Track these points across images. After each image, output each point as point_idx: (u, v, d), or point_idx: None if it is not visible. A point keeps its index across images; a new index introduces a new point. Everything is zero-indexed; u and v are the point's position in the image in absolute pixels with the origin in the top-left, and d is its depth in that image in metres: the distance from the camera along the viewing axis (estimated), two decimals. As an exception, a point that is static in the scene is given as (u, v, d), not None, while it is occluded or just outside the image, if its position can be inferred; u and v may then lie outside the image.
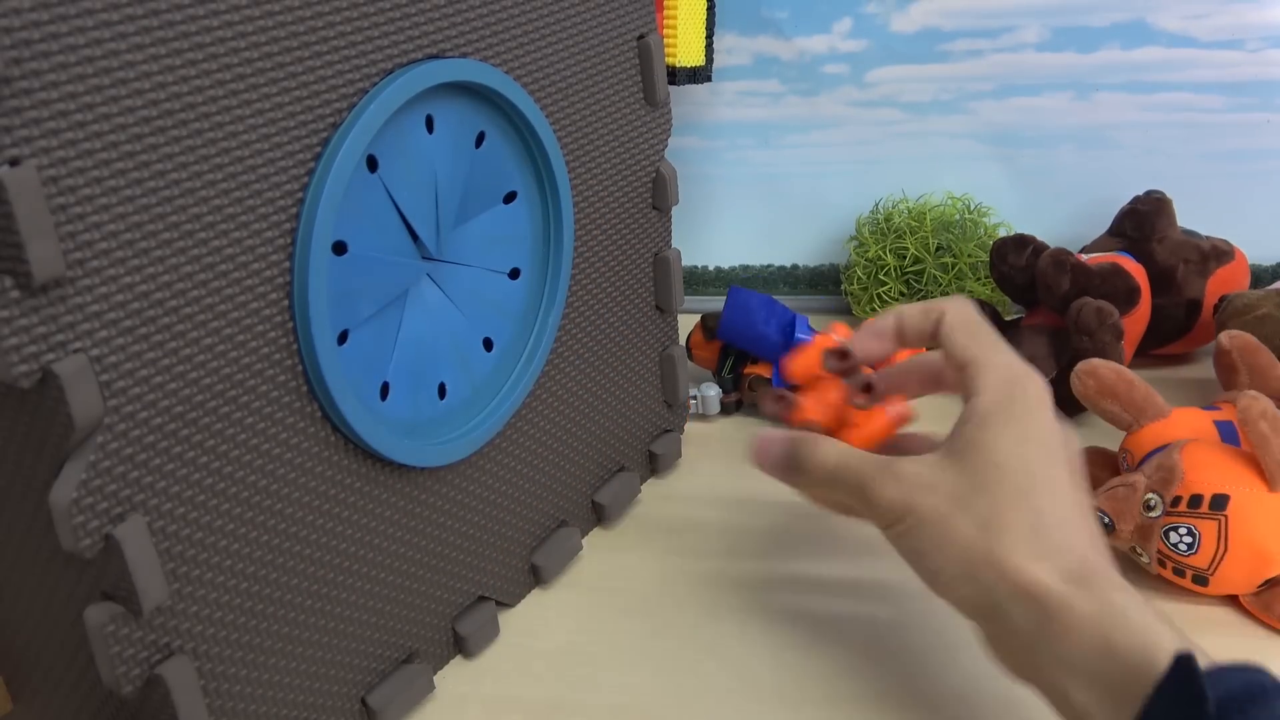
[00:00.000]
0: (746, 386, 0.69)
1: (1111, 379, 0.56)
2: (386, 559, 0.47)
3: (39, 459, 0.35)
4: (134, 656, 0.37)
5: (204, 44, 0.35)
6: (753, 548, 0.58)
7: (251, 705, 0.41)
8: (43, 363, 0.33)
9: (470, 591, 0.51)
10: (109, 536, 0.35)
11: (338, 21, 0.40)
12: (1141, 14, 0.74)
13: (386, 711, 0.47)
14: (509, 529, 0.53)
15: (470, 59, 0.45)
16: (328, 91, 0.40)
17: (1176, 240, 0.70)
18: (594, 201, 0.54)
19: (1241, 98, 0.75)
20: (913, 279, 0.73)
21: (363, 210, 0.42)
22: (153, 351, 0.36)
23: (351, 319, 0.43)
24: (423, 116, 0.44)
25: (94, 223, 0.33)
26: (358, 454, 0.44)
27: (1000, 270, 0.69)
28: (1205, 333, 0.70)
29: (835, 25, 0.78)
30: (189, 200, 0.36)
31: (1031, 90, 0.78)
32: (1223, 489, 0.49)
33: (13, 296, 0.32)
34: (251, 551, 0.40)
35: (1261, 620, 0.50)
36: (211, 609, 0.39)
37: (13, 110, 0.31)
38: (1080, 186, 0.79)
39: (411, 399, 0.47)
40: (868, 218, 0.78)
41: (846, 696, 0.48)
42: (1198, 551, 0.49)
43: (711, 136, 0.82)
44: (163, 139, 0.35)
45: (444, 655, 0.51)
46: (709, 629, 0.52)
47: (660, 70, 0.56)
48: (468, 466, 0.50)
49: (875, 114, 0.80)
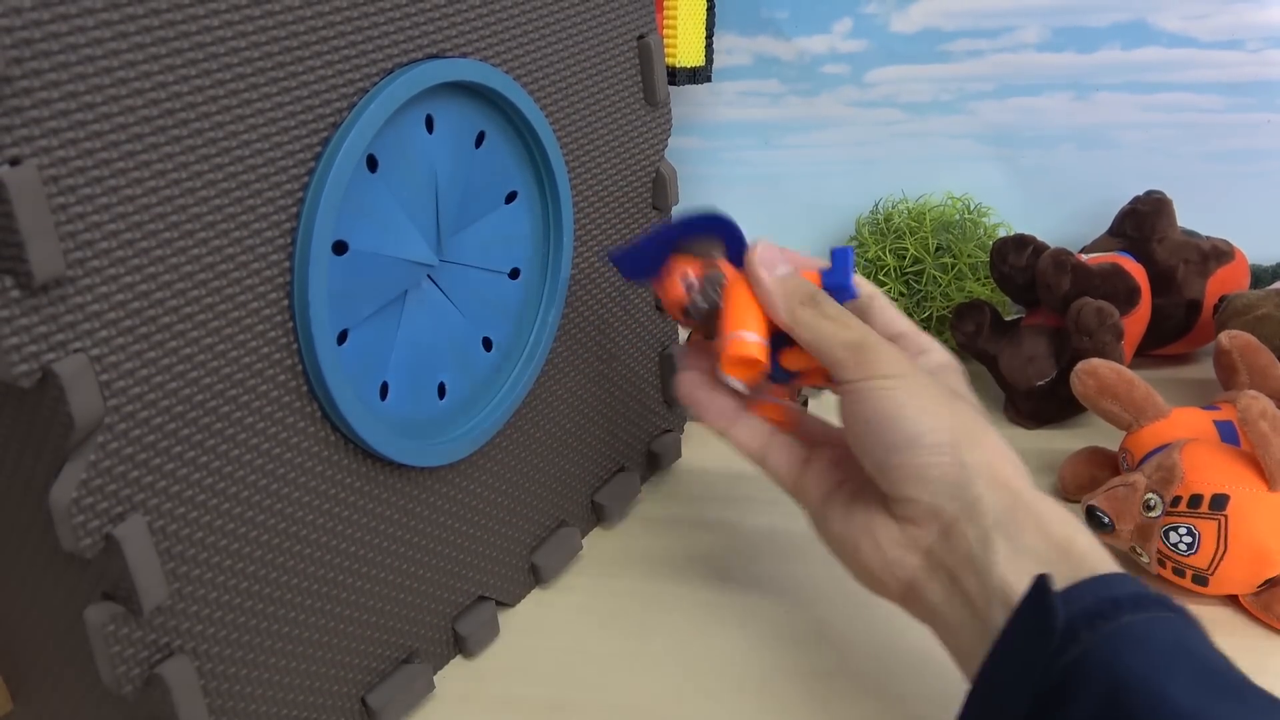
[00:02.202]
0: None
1: (1111, 379, 0.56)
2: (386, 559, 0.47)
3: (39, 459, 0.35)
4: (134, 656, 0.37)
5: (204, 44, 0.35)
6: (752, 548, 0.58)
7: (251, 705, 0.41)
8: (43, 363, 0.33)
9: (470, 591, 0.51)
10: (109, 536, 0.35)
11: (338, 21, 0.40)
12: (1141, 14, 0.74)
13: (386, 711, 0.47)
14: (509, 529, 0.53)
15: (470, 59, 0.45)
16: (328, 91, 0.40)
17: (1176, 240, 0.70)
18: (594, 202, 0.54)
19: (1241, 98, 0.75)
20: (912, 279, 0.73)
21: (363, 210, 0.42)
22: (153, 351, 0.36)
23: (351, 318, 0.43)
24: (423, 116, 0.44)
25: (94, 223, 0.33)
26: (357, 454, 0.44)
27: (1000, 270, 0.69)
28: (1205, 333, 0.70)
29: (835, 25, 0.78)
30: (189, 200, 0.36)
31: (1031, 90, 0.78)
32: (1223, 489, 0.49)
33: (13, 296, 0.32)
34: (251, 551, 0.40)
35: (1261, 620, 0.50)
36: (211, 609, 0.39)
37: (13, 110, 0.31)
38: (1080, 186, 0.79)
39: (411, 399, 0.47)
40: (867, 218, 0.78)
41: (846, 696, 0.48)
42: (1197, 551, 0.49)
43: (711, 136, 0.82)
44: (163, 139, 0.35)
45: (444, 655, 0.51)
46: (709, 629, 0.52)
47: (660, 70, 0.56)
48: (468, 466, 0.50)
49: (875, 114, 0.80)
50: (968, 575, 0.39)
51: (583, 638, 0.52)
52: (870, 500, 0.43)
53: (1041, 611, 0.35)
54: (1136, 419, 0.56)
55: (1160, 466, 0.51)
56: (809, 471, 0.46)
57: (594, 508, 0.59)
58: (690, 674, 0.50)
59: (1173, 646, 0.34)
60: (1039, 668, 0.34)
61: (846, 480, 0.45)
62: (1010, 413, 0.69)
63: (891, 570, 0.41)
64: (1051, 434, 0.67)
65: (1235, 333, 0.59)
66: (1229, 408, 0.55)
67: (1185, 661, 0.33)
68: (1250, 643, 0.50)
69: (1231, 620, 0.51)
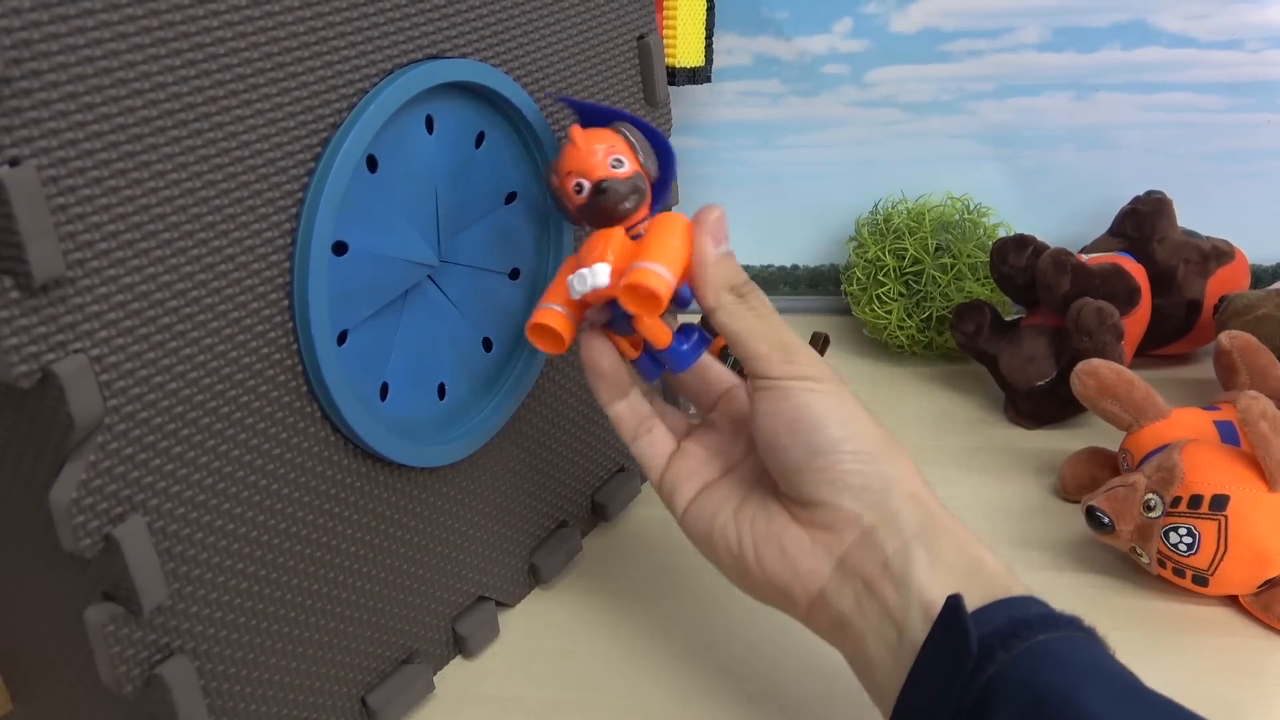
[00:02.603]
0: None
1: (1111, 379, 0.56)
2: (386, 559, 0.47)
3: (39, 459, 0.35)
4: (134, 656, 0.37)
5: (204, 44, 0.35)
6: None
7: (251, 705, 0.41)
8: (43, 363, 0.33)
9: (470, 591, 0.51)
10: (109, 536, 0.35)
11: (337, 22, 0.40)
12: (1141, 14, 0.74)
13: (386, 711, 0.47)
14: (509, 529, 0.53)
15: (470, 59, 0.45)
16: (328, 92, 0.40)
17: (1176, 240, 0.70)
18: (594, 201, 0.54)
19: (1241, 98, 0.75)
20: (912, 280, 0.73)
21: (362, 210, 0.42)
22: (153, 351, 0.36)
23: (351, 319, 0.43)
24: (422, 117, 0.44)
25: (94, 223, 0.33)
26: (357, 454, 0.44)
27: (1000, 270, 0.69)
28: (1205, 333, 0.70)
29: (835, 25, 0.78)
30: (189, 200, 0.36)
31: (1031, 90, 0.78)
32: (1223, 489, 0.49)
33: (13, 296, 0.32)
34: (251, 551, 0.40)
35: (1261, 620, 0.50)
36: (211, 609, 0.39)
37: (13, 110, 0.31)
38: (1080, 186, 0.79)
39: (411, 399, 0.47)
40: (867, 218, 0.78)
41: (845, 695, 0.48)
42: (1198, 552, 0.49)
43: (711, 136, 0.82)
44: (163, 139, 0.35)
45: (444, 655, 0.51)
46: (709, 629, 0.52)
47: (660, 70, 0.56)
48: (467, 466, 0.50)
49: (875, 114, 0.80)
50: (884, 584, 0.38)
51: (583, 638, 0.52)
52: (773, 508, 0.42)
53: (956, 633, 0.35)
54: (1136, 419, 0.56)
55: (1160, 467, 0.51)
56: (685, 472, 0.45)
57: (594, 508, 0.59)
58: (691, 674, 0.50)
59: (1087, 663, 0.34)
60: (957, 688, 0.34)
61: (741, 491, 0.44)
62: (1010, 413, 0.69)
63: (801, 580, 0.41)
64: (1051, 434, 0.67)
65: (1235, 333, 0.59)
66: (1229, 408, 0.55)
67: (1099, 677, 0.34)
68: (1250, 643, 0.50)
69: (1231, 620, 0.51)
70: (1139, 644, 0.50)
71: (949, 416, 0.70)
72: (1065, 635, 0.35)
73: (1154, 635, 0.50)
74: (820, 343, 0.70)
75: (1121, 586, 0.53)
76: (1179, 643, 0.50)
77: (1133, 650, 0.50)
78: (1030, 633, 0.35)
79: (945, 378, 0.74)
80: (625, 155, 0.43)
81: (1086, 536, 0.56)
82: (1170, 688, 0.47)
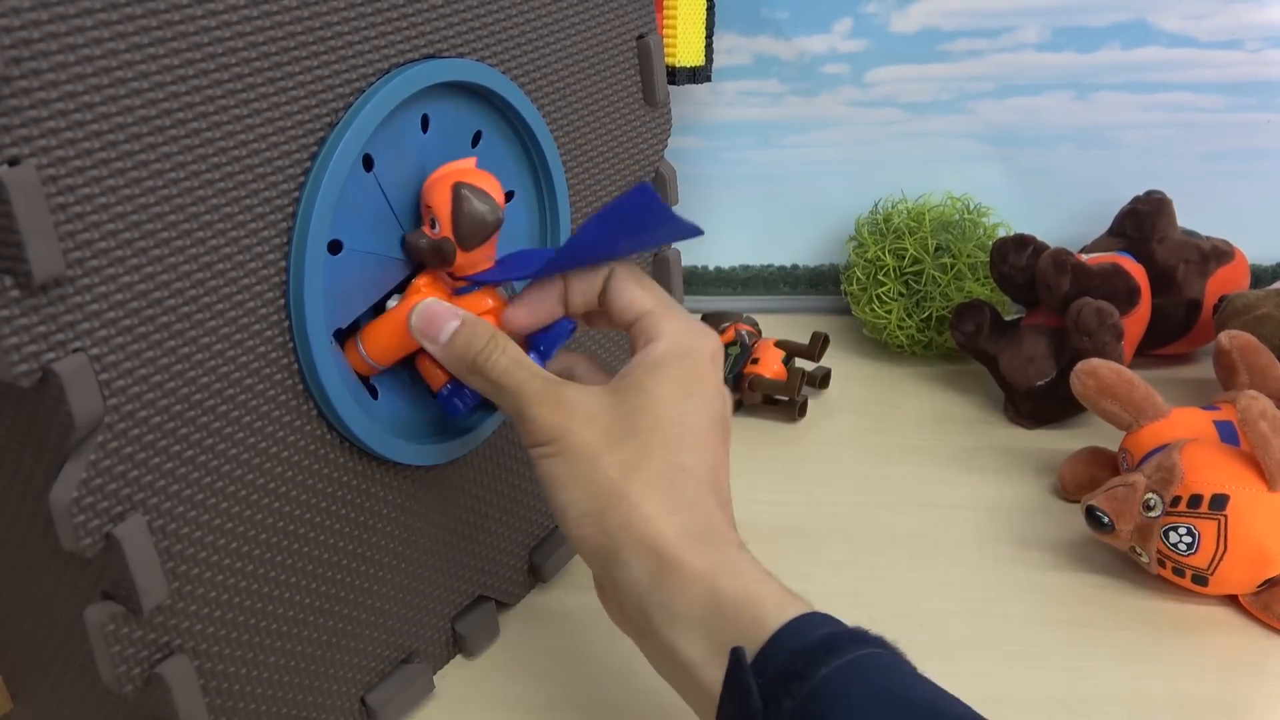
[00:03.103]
0: (746, 387, 0.69)
1: (1111, 379, 0.56)
2: (385, 558, 0.47)
3: (39, 459, 0.35)
4: (134, 656, 0.37)
5: (202, 44, 0.35)
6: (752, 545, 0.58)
7: (251, 704, 0.41)
8: (43, 362, 0.33)
9: (470, 591, 0.52)
10: (109, 536, 0.35)
11: (334, 21, 0.40)
12: (1141, 14, 0.75)
13: (386, 711, 0.47)
14: (508, 528, 0.53)
15: (467, 59, 0.45)
16: (324, 91, 0.40)
17: (1176, 240, 0.71)
18: (593, 202, 0.54)
19: (1241, 98, 0.75)
20: (912, 279, 0.73)
21: (358, 209, 0.42)
22: (152, 351, 0.36)
23: (347, 318, 0.43)
24: (418, 116, 0.44)
25: (94, 222, 0.33)
26: (355, 452, 0.44)
27: (1000, 270, 0.69)
28: (1205, 333, 0.70)
29: (835, 25, 0.78)
30: (187, 199, 0.36)
31: (1031, 90, 0.78)
32: (1222, 489, 0.49)
33: (13, 296, 0.32)
34: (251, 550, 0.40)
35: (1261, 620, 0.50)
36: (211, 608, 0.39)
37: (12, 110, 0.31)
38: (1080, 186, 0.79)
39: (408, 398, 0.47)
40: (867, 218, 0.78)
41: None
42: (1197, 551, 0.49)
43: (711, 136, 0.82)
44: (162, 138, 0.35)
45: (444, 655, 0.51)
46: (708, 629, 0.52)
47: (660, 70, 0.56)
48: (466, 465, 0.50)
49: (875, 114, 0.80)
50: (659, 645, 0.38)
51: (583, 637, 0.52)
52: None
53: (740, 693, 0.34)
54: (1136, 419, 0.56)
55: (1160, 466, 0.51)
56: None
57: (594, 508, 0.59)
58: (690, 674, 0.50)
59: (873, 694, 0.33)
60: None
61: None
62: (1010, 413, 0.69)
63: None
64: (1051, 434, 0.67)
65: (1235, 333, 0.59)
66: (1229, 408, 0.55)
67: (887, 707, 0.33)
68: (1250, 643, 0.50)
69: (1231, 620, 0.51)
70: (1139, 644, 0.50)
71: (949, 416, 0.70)
72: (851, 659, 0.34)
73: (1154, 635, 0.50)
74: (820, 343, 0.70)
75: (1121, 586, 0.53)
76: (1179, 642, 0.50)
77: (1133, 650, 0.50)
78: (811, 668, 0.33)
79: (945, 378, 0.74)
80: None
81: (1086, 536, 0.56)
82: (1170, 688, 0.48)
